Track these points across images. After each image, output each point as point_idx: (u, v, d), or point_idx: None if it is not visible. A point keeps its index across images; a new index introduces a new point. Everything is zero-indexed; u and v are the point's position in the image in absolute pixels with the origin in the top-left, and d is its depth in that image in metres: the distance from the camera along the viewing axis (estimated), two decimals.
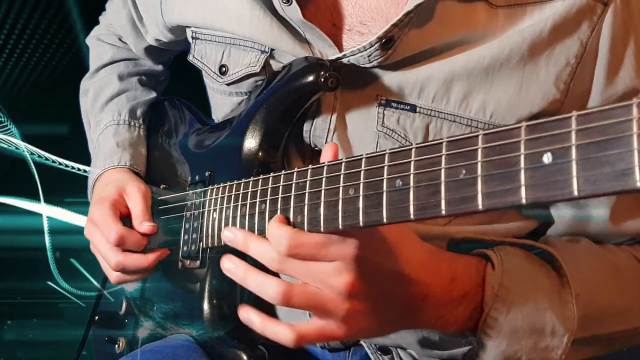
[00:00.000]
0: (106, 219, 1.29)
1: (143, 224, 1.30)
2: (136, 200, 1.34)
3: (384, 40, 1.07)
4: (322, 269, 0.87)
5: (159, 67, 1.68)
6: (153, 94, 1.62)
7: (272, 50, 1.21)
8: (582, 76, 1.09)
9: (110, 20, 1.67)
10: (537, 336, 0.98)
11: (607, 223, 1.15)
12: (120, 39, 1.66)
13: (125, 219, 1.33)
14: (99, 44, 1.69)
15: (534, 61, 1.08)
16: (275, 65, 1.22)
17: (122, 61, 1.65)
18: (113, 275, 1.33)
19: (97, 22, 1.75)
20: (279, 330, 0.92)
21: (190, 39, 1.36)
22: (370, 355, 1.22)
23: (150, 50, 1.62)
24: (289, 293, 0.89)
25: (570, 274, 1.02)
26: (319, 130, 1.18)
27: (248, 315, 0.95)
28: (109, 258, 1.29)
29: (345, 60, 1.12)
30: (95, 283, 1.55)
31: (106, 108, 1.57)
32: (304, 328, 0.91)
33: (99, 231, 1.31)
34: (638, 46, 1.09)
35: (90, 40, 1.72)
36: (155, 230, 1.31)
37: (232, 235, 0.98)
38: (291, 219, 0.92)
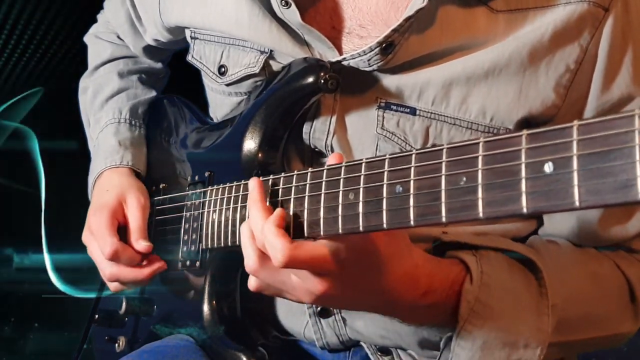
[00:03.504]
0: (103, 231, 1.30)
1: (139, 242, 1.31)
2: (135, 214, 1.34)
3: (384, 45, 1.06)
4: (304, 274, 0.92)
5: (159, 65, 1.67)
6: (153, 93, 1.61)
7: (272, 51, 1.20)
8: (580, 81, 1.09)
9: (108, 18, 1.66)
10: (510, 349, 0.99)
11: (596, 227, 1.16)
12: (118, 37, 1.65)
13: (123, 228, 1.34)
14: (98, 41, 1.68)
15: (534, 67, 1.08)
16: (275, 66, 1.21)
17: (121, 59, 1.64)
18: (111, 285, 1.35)
19: (95, 21, 1.74)
20: (248, 254, 0.97)
21: (189, 39, 1.35)
22: (371, 356, 1.22)
23: (148, 50, 1.61)
24: (260, 272, 0.96)
25: (551, 284, 1.02)
26: (318, 132, 1.17)
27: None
28: (104, 269, 1.31)
29: (345, 63, 1.11)
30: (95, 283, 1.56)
31: (106, 106, 1.55)
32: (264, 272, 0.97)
33: (96, 241, 1.31)
34: (635, 53, 1.09)
35: (88, 38, 1.71)
36: (150, 250, 1.31)
37: (251, 185, 0.99)
38: (291, 213, 0.93)
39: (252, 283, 1.00)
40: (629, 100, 1.10)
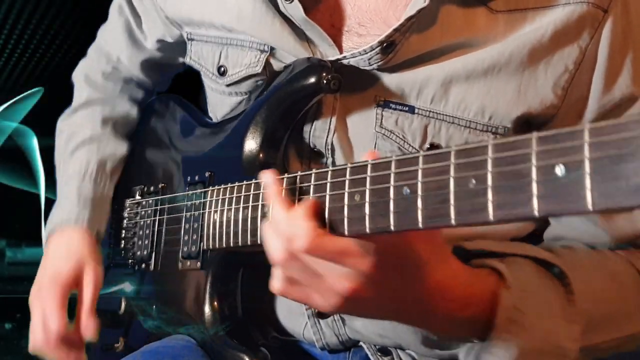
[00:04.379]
0: (54, 307, 1.32)
1: (87, 326, 1.32)
2: (88, 292, 1.35)
3: (385, 45, 1.07)
4: (330, 266, 0.86)
5: (134, 112, 1.62)
6: (124, 147, 1.57)
7: (272, 49, 1.20)
8: (579, 82, 1.09)
9: (105, 38, 1.61)
10: (548, 358, 0.97)
11: (605, 225, 1.14)
12: (103, 74, 1.60)
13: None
14: (79, 83, 1.64)
15: (533, 66, 1.08)
16: (276, 65, 1.21)
17: (98, 104, 1.59)
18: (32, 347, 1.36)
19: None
20: (274, 246, 0.90)
21: (186, 40, 1.34)
22: (371, 357, 1.22)
23: (146, 66, 1.57)
24: (287, 264, 0.89)
25: (578, 290, 1.00)
26: (319, 131, 1.17)
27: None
28: (36, 336, 1.33)
29: (345, 62, 1.11)
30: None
31: (75, 155, 1.53)
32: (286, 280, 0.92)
33: (42, 312, 1.33)
34: (636, 54, 1.09)
35: (74, 75, 1.67)
36: (96, 338, 1.33)
37: (266, 180, 0.95)
38: (327, 211, 0.87)
39: (277, 281, 0.93)
40: (632, 101, 1.10)
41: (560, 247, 1.12)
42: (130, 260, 1.46)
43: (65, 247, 1.41)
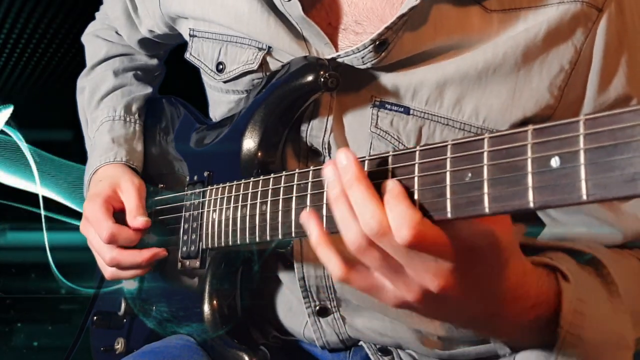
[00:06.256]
0: (98, 216, 1.31)
1: (137, 219, 1.32)
2: (130, 194, 1.36)
3: (377, 43, 1.06)
4: (423, 259, 0.77)
5: (154, 62, 1.68)
6: (149, 89, 1.62)
7: (270, 47, 1.20)
8: (575, 82, 1.09)
9: (106, 11, 1.65)
10: (614, 349, 0.94)
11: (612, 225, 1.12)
12: (116, 32, 1.65)
13: (120, 214, 1.35)
14: (94, 40, 1.68)
15: (528, 66, 1.07)
16: (273, 63, 1.21)
17: (117, 57, 1.65)
18: (107, 271, 1.35)
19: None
20: (331, 260, 0.83)
21: (187, 37, 1.35)
22: (371, 356, 1.22)
23: (143, 43, 1.61)
24: (365, 252, 0.80)
25: (620, 281, 0.97)
26: (315, 130, 1.17)
27: (309, 222, 0.85)
28: (103, 254, 1.32)
29: (339, 60, 1.11)
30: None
31: (101, 104, 1.57)
32: (355, 276, 0.83)
33: (92, 228, 1.33)
34: (631, 53, 1.08)
35: (85, 38, 1.72)
36: (149, 225, 1.32)
37: (346, 160, 0.81)
38: (416, 196, 0.77)
39: (338, 268, 0.82)
40: (626, 100, 1.10)
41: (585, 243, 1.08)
42: None
43: (101, 176, 1.43)
